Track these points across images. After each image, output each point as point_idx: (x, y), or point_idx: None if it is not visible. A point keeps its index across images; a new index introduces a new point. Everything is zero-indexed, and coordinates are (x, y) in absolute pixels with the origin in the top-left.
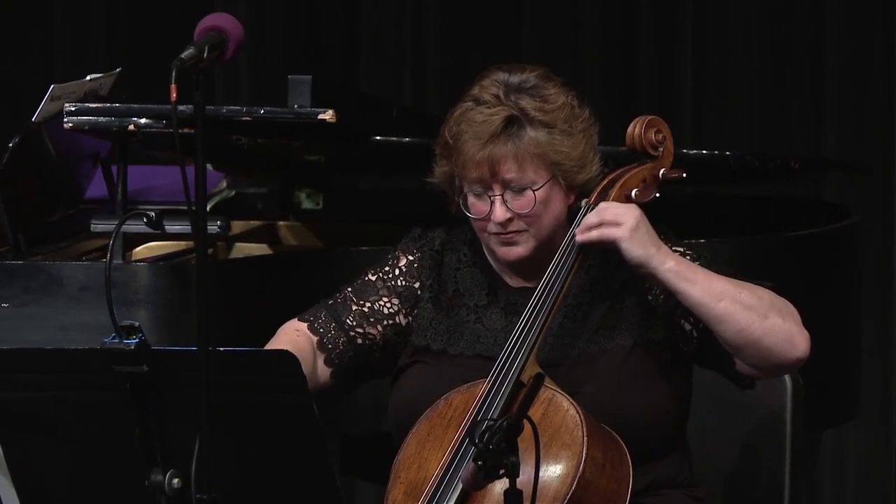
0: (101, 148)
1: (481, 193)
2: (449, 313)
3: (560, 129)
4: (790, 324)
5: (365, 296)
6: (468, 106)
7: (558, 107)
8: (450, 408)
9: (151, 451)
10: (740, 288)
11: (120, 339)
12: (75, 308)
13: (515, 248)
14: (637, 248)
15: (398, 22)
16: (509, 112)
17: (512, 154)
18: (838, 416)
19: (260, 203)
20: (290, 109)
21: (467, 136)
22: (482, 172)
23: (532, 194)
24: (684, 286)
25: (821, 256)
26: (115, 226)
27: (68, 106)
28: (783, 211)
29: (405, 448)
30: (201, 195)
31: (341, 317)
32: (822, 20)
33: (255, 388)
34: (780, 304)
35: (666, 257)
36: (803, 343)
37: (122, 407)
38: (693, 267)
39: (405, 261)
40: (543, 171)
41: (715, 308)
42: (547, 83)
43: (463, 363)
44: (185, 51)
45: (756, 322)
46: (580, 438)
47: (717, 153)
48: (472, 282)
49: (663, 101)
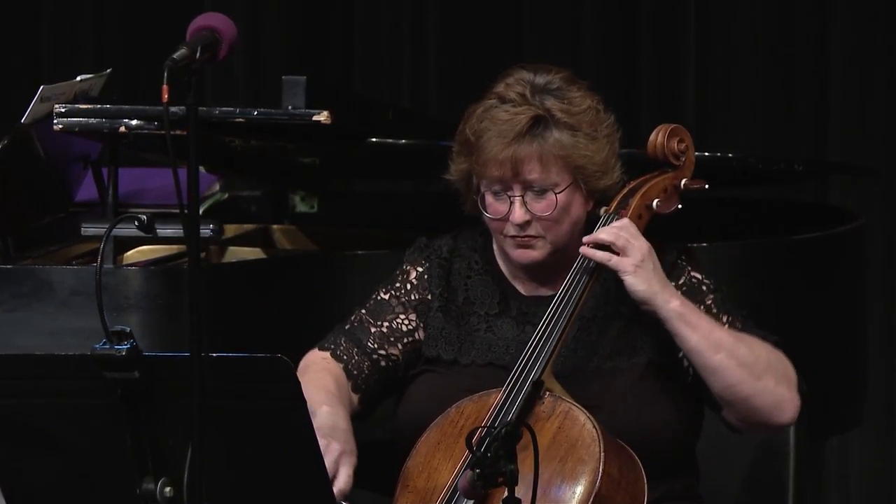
0: (91, 150)
1: (500, 193)
2: (459, 322)
3: (584, 132)
4: (782, 388)
5: (381, 316)
6: (492, 103)
7: (583, 110)
8: (462, 416)
9: (143, 459)
10: (740, 343)
11: (111, 344)
12: (65, 313)
13: (531, 252)
14: (641, 283)
15: (396, 21)
16: (535, 112)
17: (537, 154)
18: (843, 423)
19: (254, 206)
20: (284, 111)
21: (491, 133)
22: (504, 172)
23: (554, 197)
24: (685, 330)
25: (825, 260)
26: (106, 229)
27: (58, 107)
28: (787, 214)
29: (414, 456)
30: (194, 198)
31: (362, 341)
32: (827, 20)
33: (249, 395)
34: (777, 364)
35: (671, 296)
36: (792, 410)
37: (113, 414)
38: (697, 312)
39: (415, 273)
40: (566, 175)
41: (711, 359)
42: (572, 86)
43: (474, 372)
44: (177, 51)
45: (748, 381)
46: (597, 454)
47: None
48: (482, 290)
49: (665, 102)
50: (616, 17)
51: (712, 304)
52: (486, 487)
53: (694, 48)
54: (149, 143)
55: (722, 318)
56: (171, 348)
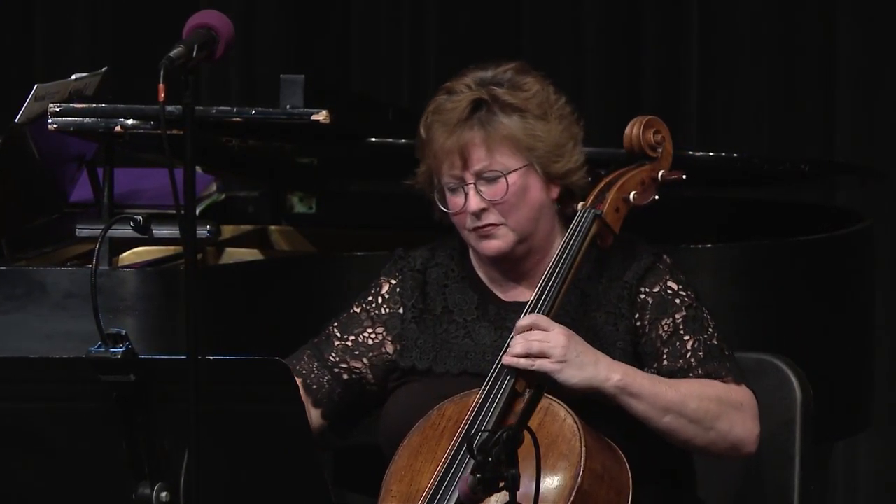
0: (86, 150)
1: (456, 187)
2: (436, 331)
3: (534, 113)
4: (737, 430)
5: (349, 329)
6: (440, 98)
7: (532, 93)
8: (443, 418)
9: (139, 464)
10: (688, 399)
11: (106, 347)
12: (60, 315)
13: (494, 242)
14: (574, 375)
15: (395, 19)
16: (476, 96)
17: (481, 139)
18: (850, 427)
19: (251, 207)
20: (282, 110)
21: (436, 125)
22: (453, 160)
23: (505, 182)
24: (629, 402)
25: (831, 263)
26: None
27: (52, 106)
28: (792, 215)
29: (397, 460)
30: (190, 199)
31: (324, 354)
32: (834, 17)
33: (246, 398)
34: (729, 407)
35: (608, 372)
36: (749, 445)
37: (109, 418)
38: (639, 379)
39: (387, 287)
40: (517, 158)
41: (659, 423)
42: (523, 75)
43: (449, 381)
44: (173, 49)
45: (700, 435)
46: (578, 449)
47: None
48: (461, 297)
49: (668, 102)
50: (618, 16)
51: (681, 323)
52: (487, 492)
53: (697, 46)
54: (145, 142)
55: (686, 341)
56: (168, 351)
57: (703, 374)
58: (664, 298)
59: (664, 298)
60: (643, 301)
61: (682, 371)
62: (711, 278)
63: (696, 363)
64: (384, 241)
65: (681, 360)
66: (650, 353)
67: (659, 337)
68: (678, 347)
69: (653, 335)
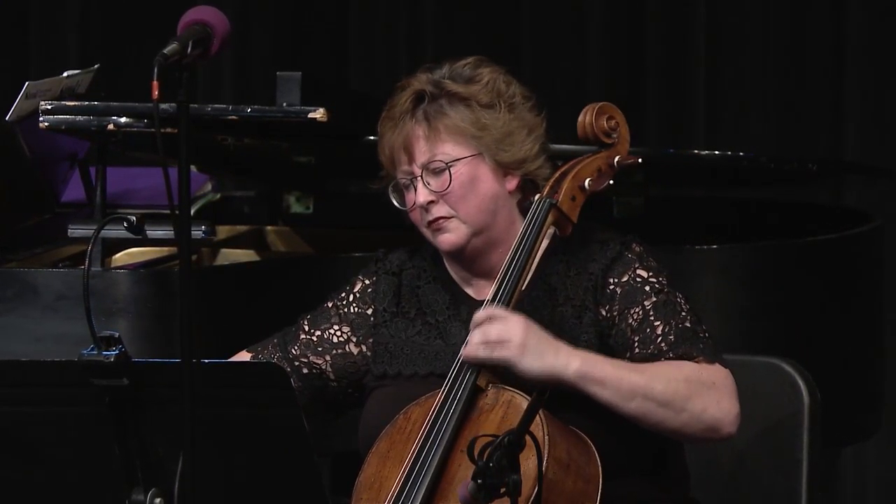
0: (78, 148)
1: (408, 183)
2: (407, 333)
3: (481, 102)
4: (712, 409)
5: (317, 324)
6: (394, 96)
7: (482, 84)
8: (409, 421)
9: (132, 470)
10: (655, 381)
11: (99, 350)
12: (51, 318)
13: (448, 236)
14: (533, 363)
15: (392, 15)
16: (420, 87)
17: (423, 131)
18: (859, 431)
19: (247, 207)
20: (278, 108)
21: (385, 122)
22: (400, 157)
23: (448, 172)
24: (593, 389)
25: (840, 264)
26: (94, 231)
27: (44, 104)
28: (800, 216)
29: (366, 468)
30: (185, 199)
31: (288, 346)
32: (843, 14)
33: (242, 403)
34: (700, 386)
35: (568, 359)
36: (728, 425)
37: (101, 422)
38: (600, 364)
39: (360, 286)
40: (463, 147)
41: (626, 408)
42: (477, 68)
43: (417, 383)
44: (167, 46)
45: (671, 417)
46: (541, 438)
47: (731, 154)
48: (433, 297)
49: (673, 100)
50: (622, 14)
51: (651, 309)
52: (488, 498)
53: (703, 43)
54: (138, 141)
55: (656, 326)
56: (162, 354)
57: (674, 358)
58: (633, 287)
59: (633, 287)
60: (612, 292)
61: (654, 357)
62: (717, 280)
63: (666, 347)
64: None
65: (651, 345)
66: (621, 344)
67: (629, 326)
68: (648, 334)
69: (622, 326)
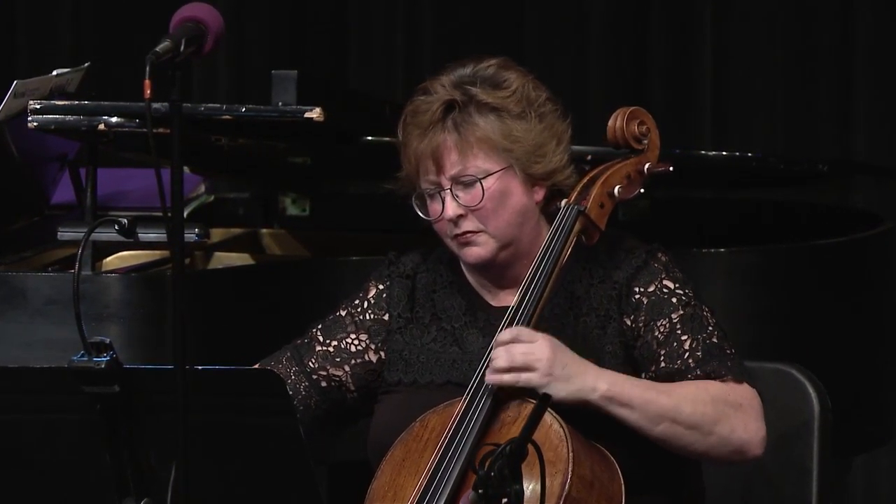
0: (68, 149)
1: (434, 193)
2: (422, 340)
3: (512, 112)
4: (739, 432)
5: (332, 334)
6: (417, 100)
7: (512, 91)
8: (426, 430)
9: (123, 479)
10: (682, 403)
11: (89, 356)
12: (40, 323)
13: (475, 249)
14: (561, 388)
15: (390, 11)
16: (450, 97)
17: (454, 142)
18: (870, 440)
19: (241, 209)
20: (273, 107)
21: (411, 128)
22: (427, 165)
23: (480, 185)
24: (620, 412)
25: (850, 267)
26: (84, 234)
27: (33, 104)
28: (809, 218)
29: (379, 476)
30: (178, 200)
31: (304, 359)
32: (852, 14)
33: (237, 411)
34: (727, 408)
35: (595, 382)
36: (754, 448)
37: (92, 431)
38: (628, 386)
39: (374, 292)
40: (494, 161)
41: (653, 431)
42: (504, 71)
43: (433, 391)
44: (159, 44)
45: (699, 441)
46: (565, 455)
47: (739, 155)
48: (449, 302)
49: (679, 99)
50: (626, 11)
51: (678, 322)
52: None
53: (710, 40)
54: (130, 141)
55: (684, 341)
56: (154, 361)
57: (701, 375)
58: (660, 298)
59: (660, 298)
60: (637, 301)
61: (681, 373)
62: (725, 283)
63: (694, 364)
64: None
65: (678, 360)
66: (647, 357)
67: (655, 339)
68: (675, 348)
69: (648, 338)
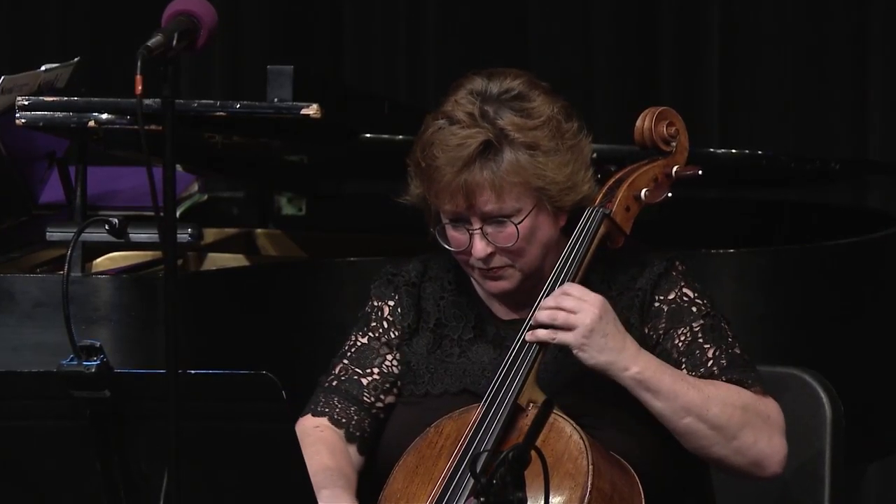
0: (57, 146)
1: (459, 224)
2: (430, 349)
3: (544, 148)
4: (762, 444)
5: (368, 363)
6: (441, 125)
7: (542, 122)
8: (440, 436)
9: (114, 487)
10: (710, 402)
11: (79, 360)
12: (29, 326)
13: (501, 283)
14: (592, 355)
15: (390, 7)
16: (486, 136)
17: (489, 182)
18: (884, 447)
19: (236, 208)
20: (269, 104)
21: (440, 161)
22: (458, 202)
23: (514, 227)
24: (646, 396)
25: (864, 269)
26: (74, 234)
27: (20, 100)
28: (822, 218)
29: (391, 483)
30: (170, 200)
31: (358, 397)
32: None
33: (231, 416)
34: (755, 417)
35: (629, 362)
36: (774, 465)
37: (81, 437)
38: (660, 373)
39: (388, 309)
40: (526, 199)
41: (677, 423)
42: (531, 92)
43: (448, 401)
44: (151, 38)
45: (721, 443)
46: (585, 467)
47: (748, 153)
48: (456, 312)
49: (687, 95)
50: (632, 7)
51: (699, 331)
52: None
53: (718, 35)
54: (121, 139)
55: (707, 349)
56: (145, 364)
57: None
58: (680, 307)
59: (680, 307)
60: (657, 309)
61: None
62: (735, 286)
63: (718, 371)
64: (379, 245)
65: (702, 368)
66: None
67: (675, 347)
68: (698, 356)
69: (668, 345)
